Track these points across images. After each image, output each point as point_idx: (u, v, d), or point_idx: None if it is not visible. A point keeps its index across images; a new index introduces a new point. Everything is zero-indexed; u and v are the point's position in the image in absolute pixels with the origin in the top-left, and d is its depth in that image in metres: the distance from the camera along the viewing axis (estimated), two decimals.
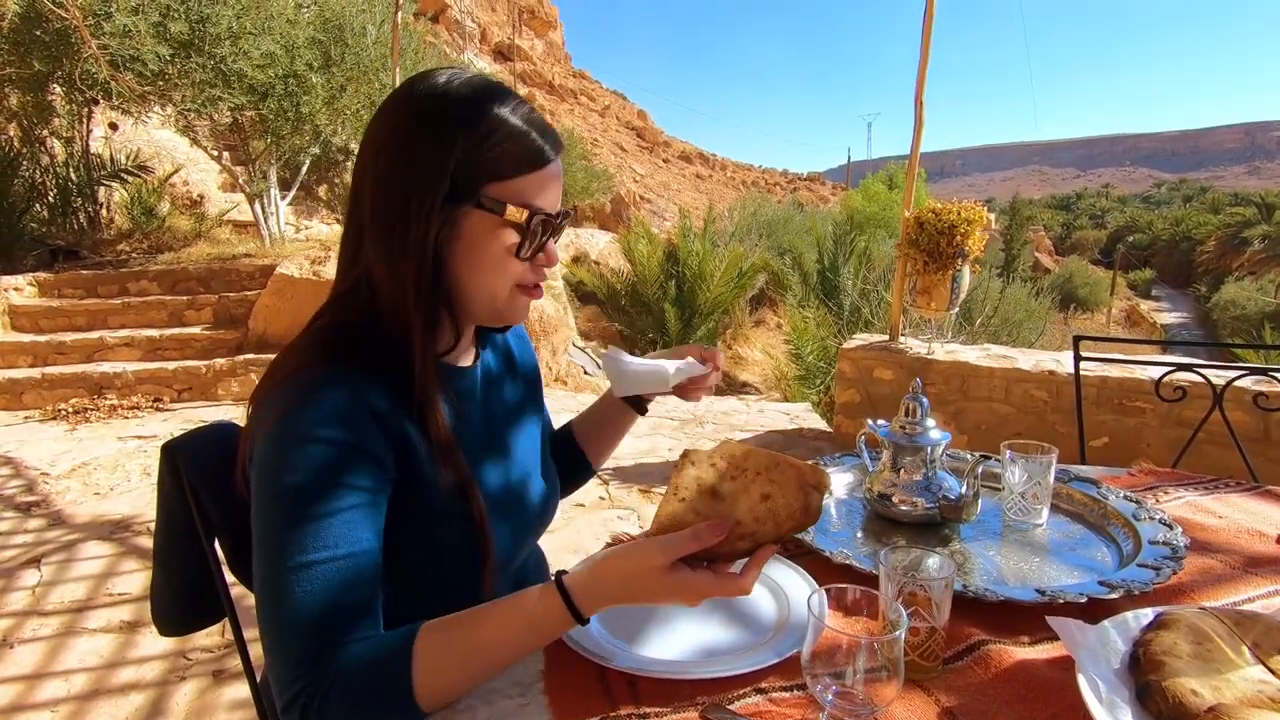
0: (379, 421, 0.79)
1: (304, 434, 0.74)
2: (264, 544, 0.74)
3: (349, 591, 0.73)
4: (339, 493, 0.74)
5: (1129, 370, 3.36)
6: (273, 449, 0.75)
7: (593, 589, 0.73)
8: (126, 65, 5.32)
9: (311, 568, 0.71)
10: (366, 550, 0.75)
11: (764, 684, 0.74)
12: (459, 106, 0.79)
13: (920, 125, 3.95)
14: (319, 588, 0.71)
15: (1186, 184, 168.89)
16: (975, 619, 0.85)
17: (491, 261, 0.82)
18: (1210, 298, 31.60)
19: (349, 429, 0.76)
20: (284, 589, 0.71)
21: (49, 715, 2.05)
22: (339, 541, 0.73)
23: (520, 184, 0.81)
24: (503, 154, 0.79)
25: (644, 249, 9.40)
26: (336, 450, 0.75)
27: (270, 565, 0.73)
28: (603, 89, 38.74)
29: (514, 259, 0.83)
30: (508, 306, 0.87)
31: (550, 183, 0.83)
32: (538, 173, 0.82)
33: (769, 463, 0.74)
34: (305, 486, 0.73)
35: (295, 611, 0.71)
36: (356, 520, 0.75)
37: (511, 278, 0.85)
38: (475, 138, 0.78)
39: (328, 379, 0.78)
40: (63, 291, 5.99)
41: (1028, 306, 9.51)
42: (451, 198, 0.79)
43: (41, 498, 3.56)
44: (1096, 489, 1.20)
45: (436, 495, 0.84)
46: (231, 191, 9.27)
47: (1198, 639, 0.72)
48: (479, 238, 0.81)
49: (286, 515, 0.73)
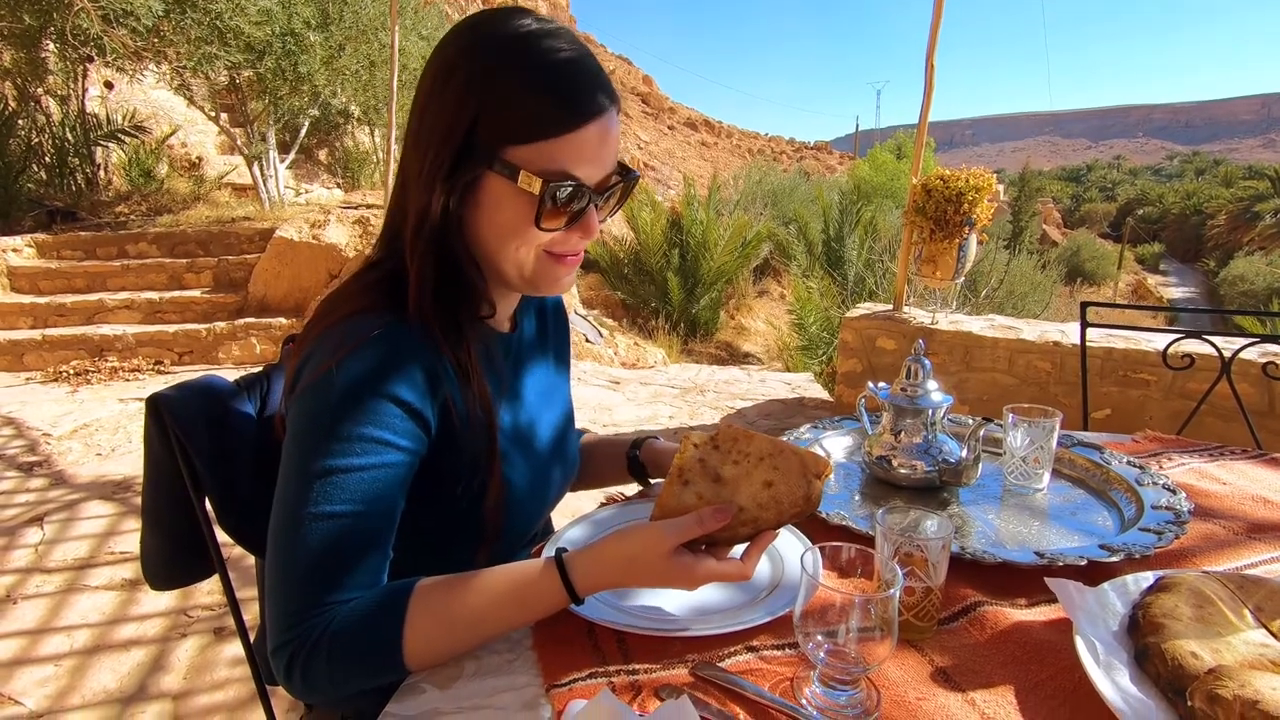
0: (428, 377, 0.77)
1: (354, 383, 0.72)
2: (290, 484, 0.72)
3: (361, 549, 0.72)
4: (378, 449, 0.72)
5: (1134, 341, 3.33)
6: (320, 392, 0.73)
7: (592, 570, 0.72)
8: (119, 20, 5.20)
9: (331, 518, 0.70)
10: (389, 510, 0.74)
11: (755, 642, 0.73)
12: (486, 60, 0.74)
13: (930, 89, 3.85)
14: (332, 540, 0.70)
15: (1200, 156, 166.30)
16: (972, 581, 0.83)
17: (509, 228, 0.77)
18: (1219, 273, 31.32)
19: (401, 383, 0.74)
20: (298, 534, 0.70)
21: (52, 669, 2.07)
22: (364, 497, 0.71)
23: (543, 149, 0.73)
24: (524, 116, 0.73)
25: (647, 217, 9.30)
26: (386, 404, 0.73)
27: (291, 508, 0.71)
28: (608, 53, 38.04)
29: (535, 227, 0.76)
30: (538, 275, 0.82)
31: (587, 146, 0.75)
32: (565, 136, 0.73)
33: (771, 449, 0.73)
34: (346, 436, 0.71)
35: (304, 559, 0.70)
36: (387, 479, 0.73)
37: (535, 245, 0.79)
38: (496, 97, 0.73)
39: (385, 328, 0.75)
40: (61, 253, 5.96)
41: (1033, 279, 9.43)
42: (466, 158, 0.75)
43: (43, 458, 3.57)
44: (1100, 454, 1.18)
45: (463, 461, 0.82)
46: (230, 154, 9.15)
47: (1199, 602, 0.71)
48: (497, 202, 0.76)
49: (321, 462, 0.71)
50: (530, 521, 0.96)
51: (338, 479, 0.70)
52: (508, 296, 0.92)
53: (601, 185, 0.78)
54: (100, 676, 2.04)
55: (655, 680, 0.67)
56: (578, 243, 0.81)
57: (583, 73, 0.75)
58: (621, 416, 4.37)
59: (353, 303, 0.79)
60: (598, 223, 0.80)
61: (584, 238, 0.80)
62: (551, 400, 1.02)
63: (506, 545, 0.92)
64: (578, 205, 0.77)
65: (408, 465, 0.76)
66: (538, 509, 0.97)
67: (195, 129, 9.35)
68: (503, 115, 0.73)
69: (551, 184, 0.74)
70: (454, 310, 0.81)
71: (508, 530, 0.90)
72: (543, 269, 0.82)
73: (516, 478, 0.89)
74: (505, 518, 0.88)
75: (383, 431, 0.72)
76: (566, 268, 0.83)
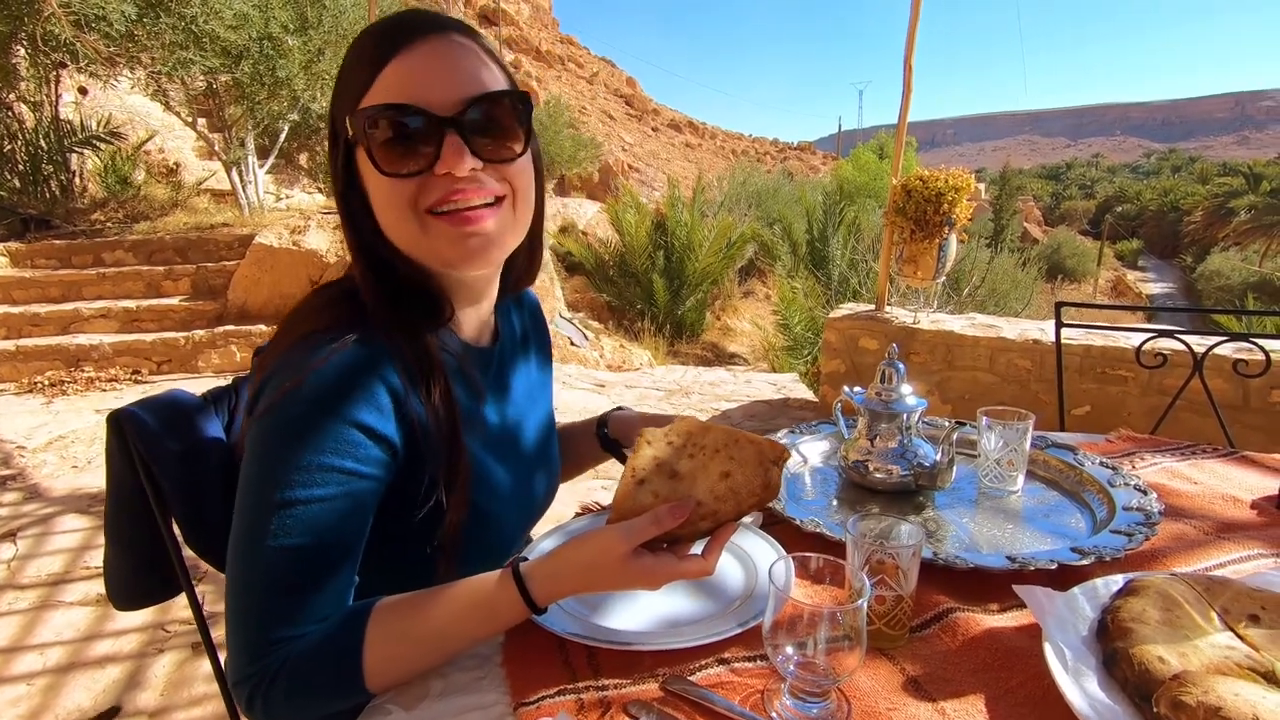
0: (392, 395, 0.73)
1: (315, 409, 0.69)
2: (249, 514, 0.69)
3: (323, 579, 0.70)
4: (340, 478, 0.69)
5: (1112, 338, 3.36)
6: (276, 418, 0.69)
7: (550, 579, 0.70)
8: (91, 25, 5.12)
9: (292, 551, 0.67)
10: (352, 539, 0.72)
11: (727, 654, 0.72)
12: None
13: (909, 91, 3.88)
14: (293, 572, 0.68)
15: (1176, 154, 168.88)
16: (945, 587, 0.83)
17: (377, 196, 0.74)
18: (1196, 268, 31.81)
19: (363, 406, 0.71)
20: (259, 566, 0.68)
21: (25, 688, 2.03)
22: (326, 528, 0.69)
23: (371, 94, 0.71)
24: (351, 76, 0.73)
25: (632, 219, 9.31)
26: (348, 430, 0.69)
27: (250, 539, 0.68)
28: (591, 55, 38.01)
29: (394, 180, 0.71)
30: (439, 245, 0.74)
31: (404, 74, 0.70)
32: (378, 78, 0.70)
33: (727, 439, 0.72)
34: (307, 466, 0.68)
35: (264, 591, 0.68)
36: (350, 508, 0.70)
37: (404, 204, 0.73)
38: (337, 84, 0.75)
39: (344, 347, 0.72)
40: (35, 262, 5.86)
41: (1015, 277, 9.53)
42: (335, 149, 0.76)
43: (17, 471, 3.51)
44: (1073, 455, 1.18)
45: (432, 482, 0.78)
46: (209, 159, 9.05)
47: (1166, 605, 0.71)
48: (365, 178, 0.75)
49: (281, 493, 0.67)
50: (515, 533, 0.94)
51: (298, 510, 0.68)
52: (475, 304, 0.88)
53: (456, 109, 0.71)
54: (74, 695, 2.00)
55: (625, 696, 0.67)
56: (453, 185, 0.72)
57: (393, 17, 0.74)
58: None
59: (310, 321, 0.76)
60: (465, 149, 0.71)
61: (451, 169, 0.71)
62: (536, 408, 1.00)
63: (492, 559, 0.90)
64: (418, 136, 0.70)
65: (372, 492, 0.73)
66: (524, 521, 0.95)
67: (173, 134, 9.24)
68: (337, 95, 0.75)
69: (364, 112, 0.70)
70: (412, 318, 0.78)
71: (492, 544, 0.88)
72: (439, 235, 0.74)
73: (500, 493, 0.87)
74: (488, 533, 0.87)
75: (344, 460, 0.69)
76: (465, 224, 0.73)
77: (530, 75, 26.08)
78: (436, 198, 0.73)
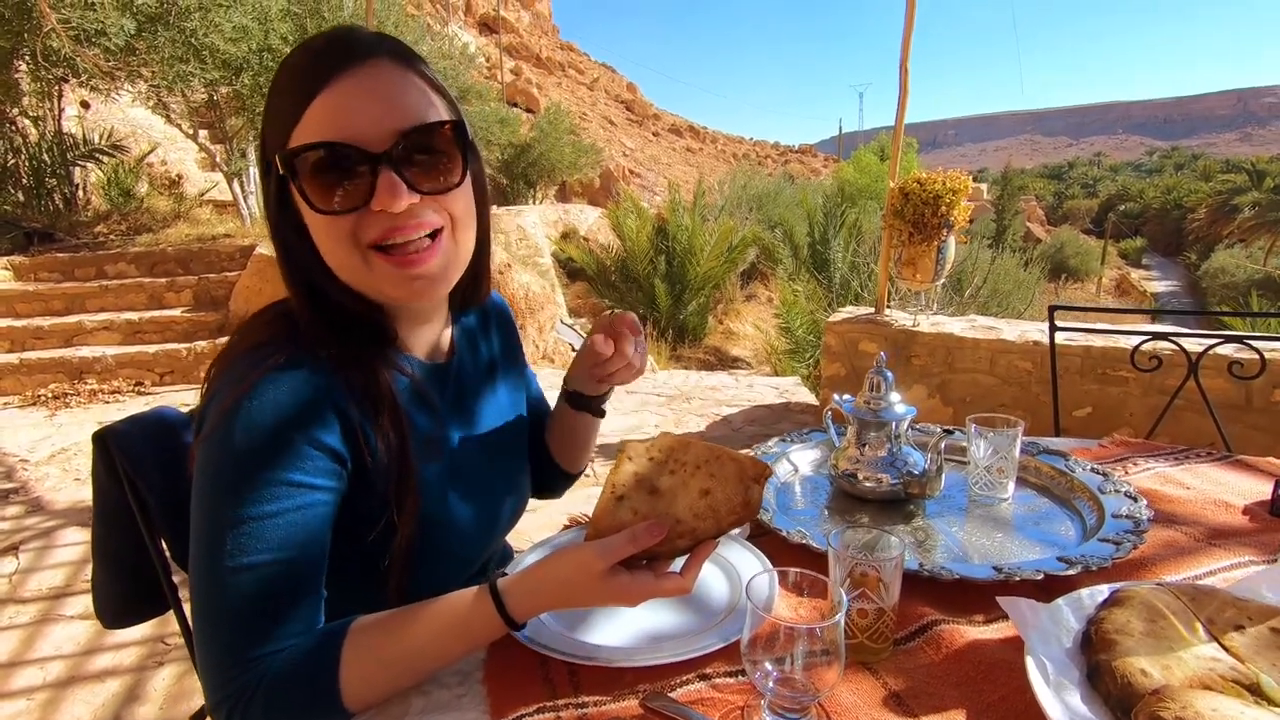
0: (337, 412, 0.73)
1: (255, 423, 0.69)
2: (203, 537, 0.69)
3: (287, 596, 0.69)
4: (291, 492, 0.69)
5: (1112, 339, 3.35)
6: (221, 436, 0.69)
7: (527, 595, 0.70)
8: (91, 40, 5.17)
9: (251, 569, 0.67)
10: (311, 552, 0.71)
11: (708, 670, 0.72)
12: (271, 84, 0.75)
13: (905, 93, 3.88)
14: (256, 590, 0.68)
15: (1178, 151, 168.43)
16: (930, 598, 0.83)
17: (315, 231, 0.73)
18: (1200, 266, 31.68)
19: (303, 420, 0.71)
20: (219, 588, 0.67)
21: (24, 703, 2.03)
22: (282, 543, 0.69)
23: (301, 128, 0.69)
24: (280, 105, 0.72)
25: (633, 224, 9.31)
26: (295, 442, 0.70)
27: (207, 561, 0.68)
28: (591, 61, 38.13)
29: (336, 217, 0.70)
30: (382, 281, 0.74)
31: (331, 110, 0.68)
32: (305, 114, 0.69)
33: (708, 455, 0.72)
34: (251, 481, 0.68)
35: (229, 613, 0.67)
36: (303, 521, 0.70)
37: (341, 239, 0.72)
38: (265, 113, 0.74)
39: (285, 362, 0.72)
40: (39, 275, 5.90)
41: (1017, 277, 9.49)
42: (266, 179, 0.75)
43: (20, 485, 3.52)
44: (1065, 461, 1.18)
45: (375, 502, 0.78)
46: (210, 170, 9.10)
47: (1151, 616, 0.70)
48: (299, 209, 0.74)
49: (229, 510, 0.68)
50: (474, 550, 0.93)
51: (252, 527, 0.67)
52: (429, 322, 0.88)
53: (390, 144, 0.69)
54: (73, 710, 2.00)
55: (604, 714, 0.66)
56: (392, 222, 0.71)
57: (322, 38, 0.72)
58: (607, 426, 4.32)
59: (255, 335, 0.77)
60: (401, 185, 0.69)
61: (386, 207, 0.69)
62: (505, 418, 0.99)
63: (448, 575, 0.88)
64: (352, 173, 0.69)
65: (327, 504, 0.73)
66: (485, 538, 0.94)
67: (175, 146, 9.30)
68: (266, 122, 0.74)
69: (292, 150, 0.68)
70: (352, 341, 0.77)
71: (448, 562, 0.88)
72: (382, 274, 0.73)
73: (462, 513, 0.86)
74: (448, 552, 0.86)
75: (294, 473, 0.69)
76: (409, 266, 0.73)
77: (531, 82, 26.16)
78: (376, 234, 0.72)
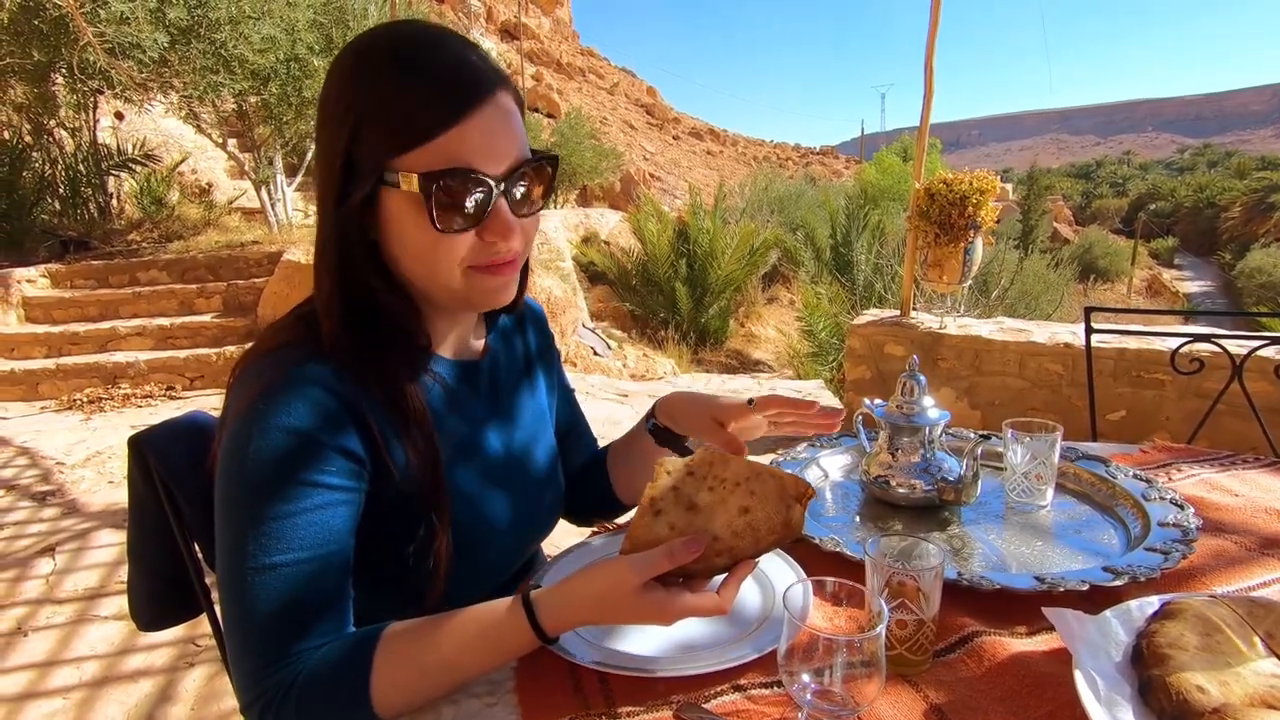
0: (354, 414, 0.74)
1: (272, 425, 0.69)
2: (226, 540, 0.70)
3: (313, 595, 0.70)
4: (312, 491, 0.70)
5: (1147, 341, 3.27)
6: (239, 438, 0.70)
7: (560, 609, 0.69)
8: (125, 53, 5.29)
9: (274, 570, 0.68)
10: (334, 552, 0.71)
11: (743, 680, 0.70)
12: (360, 76, 0.72)
13: (930, 93, 3.83)
14: (281, 591, 0.68)
15: (1211, 148, 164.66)
16: (970, 608, 0.80)
17: (418, 243, 0.73)
18: (1235, 265, 30.90)
19: (320, 422, 0.71)
20: (245, 590, 0.68)
21: (61, 702, 2.07)
22: (304, 543, 0.69)
23: (426, 152, 0.69)
24: (398, 122, 0.70)
25: (654, 228, 9.31)
26: (306, 444, 0.70)
27: (232, 564, 0.69)
28: (611, 66, 38.27)
29: (448, 235, 0.71)
30: (471, 291, 0.76)
31: (471, 138, 0.70)
32: (445, 134, 0.69)
33: (749, 472, 0.70)
34: (271, 482, 0.69)
35: (256, 614, 0.68)
36: (324, 520, 0.70)
37: (452, 257, 0.73)
38: (370, 111, 0.70)
39: (303, 365, 0.73)
40: (74, 282, 6.04)
41: (1046, 278, 9.34)
42: (351, 178, 0.72)
43: (56, 487, 3.60)
44: (1105, 468, 1.14)
45: (408, 504, 0.78)
46: (239, 179, 9.26)
47: (1206, 630, 0.67)
48: (398, 218, 0.73)
49: (249, 511, 0.69)
50: (510, 556, 0.93)
51: (274, 527, 0.68)
52: (461, 321, 0.88)
53: (505, 175, 0.72)
54: (107, 710, 2.04)
55: None
56: (499, 248, 0.75)
57: (454, 65, 0.71)
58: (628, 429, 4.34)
59: (279, 335, 0.77)
60: (512, 218, 0.74)
61: (500, 239, 0.73)
62: (538, 422, 0.98)
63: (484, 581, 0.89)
64: (475, 198, 0.71)
65: (349, 503, 0.73)
66: (521, 542, 0.94)
67: (205, 155, 9.48)
68: (379, 127, 0.71)
69: (432, 175, 0.69)
70: (377, 345, 0.77)
71: (484, 567, 0.88)
72: (473, 284, 0.76)
73: (497, 515, 0.86)
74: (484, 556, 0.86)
75: (314, 473, 0.70)
76: (499, 277, 0.77)
77: (552, 88, 26.34)
78: (484, 259, 0.75)
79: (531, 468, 0.94)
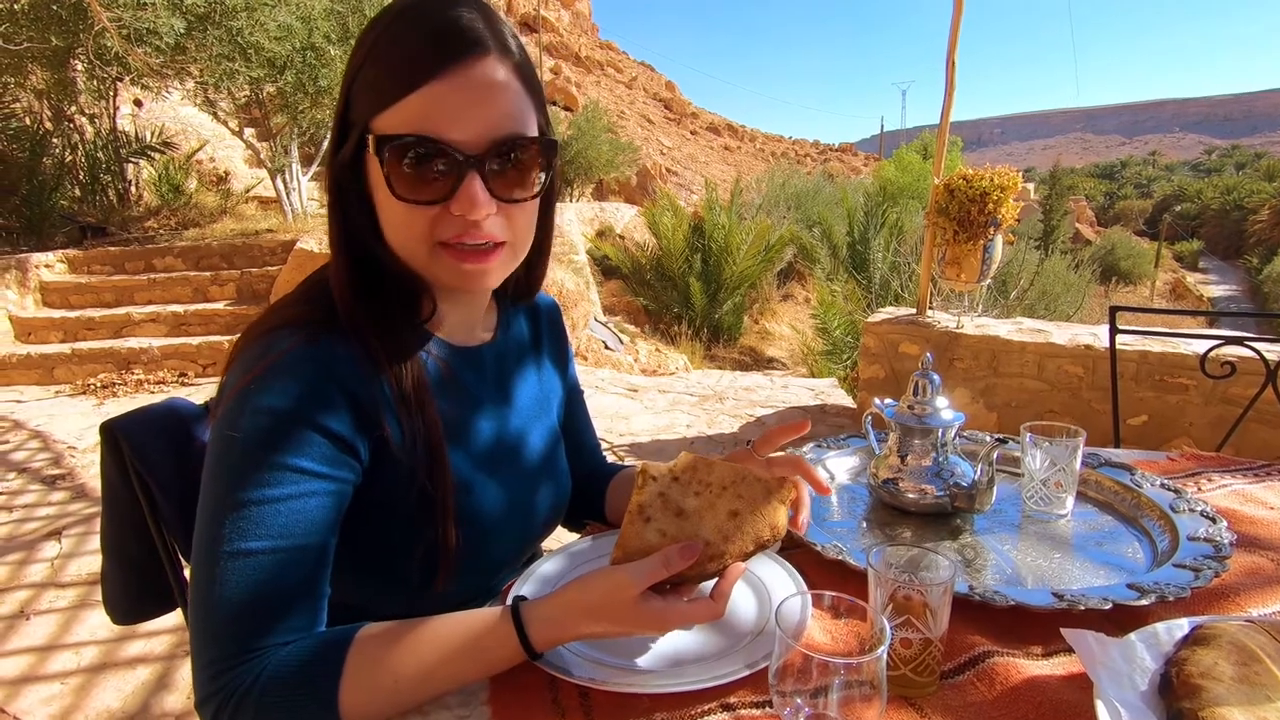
0: (351, 399, 0.70)
1: (260, 406, 0.66)
2: (206, 519, 0.67)
3: (285, 587, 0.66)
4: (298, 478, 0.66)
5: (1171, 344, 3.17)
6: (229, 420, 0.67)
7: (551, 622, 0.65)
8: (142, 39, 5.30)
9: (248, 556, 0.64)
10: (312, 544, 0.68)
11: (732, 699, 0.65)
12: (364, 36, 0.71)
13: (951, 89, 3.74)
14: (252, 579, 0.64)
15: (1239, 150, 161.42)
16: (981, 625, 0.75)
17: (383, 207, 0.70)
18: (1262, 269, 30.27)
19: (322, 407, 0.68)
20: (214, 575, 0.64)
21: (59, 686, 2.06)
22: (281, 531, 0.66)
23: (397, 112, 0.66)
24: (375, 79, 0.68)
25: (669, 222, 9.24)
26: (306, 429, 0.67)
27: (205, 547, 0.66)
28: (630, 60, 38.15)
29: (409, 206, 0.68)
30: (436, 269, 0.72)
31: (441, 101, 0.65)
32: (413, 94, 0.65)
33: (734, 476, 0.69)
34: (254, 464, 0.65)
35: (223, 602, 0.64)
36: (304, 509, 0.67)
37: (413, 229, 0.70)
38: (358, 70, 0.69)
39: (306, 344, 0.69)
40: (92, 268, 6.09)
41: (1066, 279, 9.17)
42: (343, 139, 0.71)
43: (67, 471, 3.62)
44: (1130, 475, 1.08)
45: (409, 487, 0.75)
46: (256, 167, 9.31)
47: (1243, 659, 0.62)
48: (375, 179, 0.70)
49: (229, 494, 0.65)
50: (512, 552, 0.90)
51: (253, 511, 0.65)
52: (462, 304, 0.84)
53: (483, 149, 0.68)
54: (104, 696, 2.02)
55: None
56: (467, 226, 0.69)
57: (441, 23, 0.67)
58: (638, 425, 4.30)
59: (283, 313, 0.73)
60: (486, 198, 0.68)
61: (465, 213, 0.68)
62: (542, 414, 0.95)
63: (484, 576, 0.86)
64: (438, 168, 0.67)
65: (335, 494, 0.69)
66: (521, 536, 0.90)
67: (223, 144, 9.54)
68: (362, 85, 0.69)
69: (387, 138, 0.66)
70: (389, 317, 0.74)
71: (484, 561, 0.84)
72: (443, 266, 0.72)
73: (493, 505, 0.82)
74: (482, 548, 0.82)
75: (302, 460, 0.67)
76: (471, 264, 0.72)
77: (570, 81, 26.28)
78: (449, 235, 0.71)
79: (527, 460, 0.90)
